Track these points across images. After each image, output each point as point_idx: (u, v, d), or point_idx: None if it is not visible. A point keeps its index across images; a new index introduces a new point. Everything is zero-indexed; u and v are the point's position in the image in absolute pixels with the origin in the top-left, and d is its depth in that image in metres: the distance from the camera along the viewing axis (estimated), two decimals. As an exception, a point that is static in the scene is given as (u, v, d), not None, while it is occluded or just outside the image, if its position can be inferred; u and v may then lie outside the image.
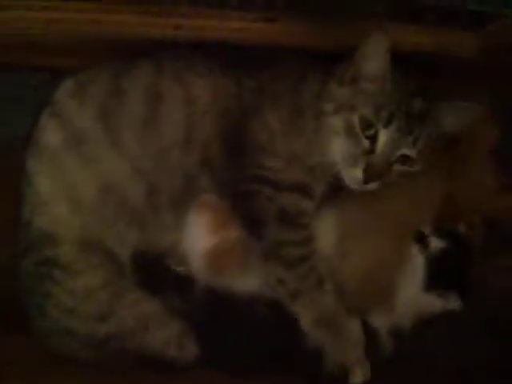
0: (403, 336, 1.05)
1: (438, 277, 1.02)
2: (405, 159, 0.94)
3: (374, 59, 0.92)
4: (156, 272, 1.03)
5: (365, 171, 0.92)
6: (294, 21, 0.95)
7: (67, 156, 0.97)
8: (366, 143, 0.93)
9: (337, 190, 1.02)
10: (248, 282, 1.01)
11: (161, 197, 0.99)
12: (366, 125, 0.92)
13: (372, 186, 0.94)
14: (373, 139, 0.93)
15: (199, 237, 1.02)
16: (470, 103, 0.94)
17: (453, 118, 0.95)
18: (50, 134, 0.98)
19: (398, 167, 0.94)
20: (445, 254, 1.02)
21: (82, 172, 0.97)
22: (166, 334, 0.99)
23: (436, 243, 1.02)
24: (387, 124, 0.92)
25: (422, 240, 1.03)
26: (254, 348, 1.01)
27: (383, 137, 0.92)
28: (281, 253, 0.96)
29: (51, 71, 1.10)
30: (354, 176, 0.94)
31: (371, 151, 0.93)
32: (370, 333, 1.02)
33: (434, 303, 1.03)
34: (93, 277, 0.97)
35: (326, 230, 1.02)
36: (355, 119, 0.93)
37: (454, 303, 1.02)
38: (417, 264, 1.03)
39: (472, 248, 1.06)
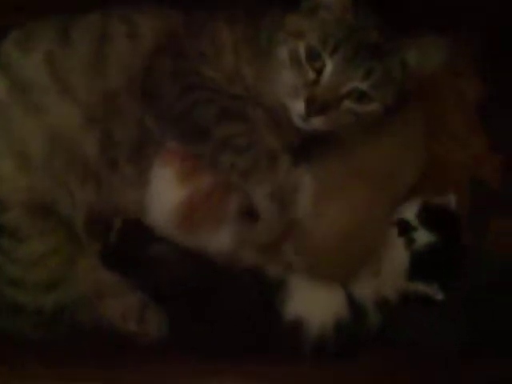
0: (389, 310, 0.98)
1: (423, 270, 0.96)
2: (359, 96, 0.88)
3: None
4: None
5: (307, 102, 0.87)
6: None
7: (12, 107, 0.92)
8: (311, 74, 0.88)
9: (313, 147, 0.96)
10: (224, 236, 0.94)
11: (117, 148, 0.93)
12: (313, 55, 0.87)
13: (318, 122, 0.88)
14: (319, 72, 0.87)
15: (166, 190, 0.93)
16: (437, 38, 0.88)
17: (418, 54, 0.89)
18: None
19: (350, 104, 0.88)
20: (432, 250, 0.95)
21: (29, 123, 0.91)
22: (124, 305, 0.93)
23: (424, 238, 0.95)
24: (333, 52, 0.86)
25: (406, 231, 0.96)
26: (228, 324, 0.94)
27: (329, 66, 0.87)
28: (229, 145, 0.90)
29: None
30: (295, 109, 0.88)
31: (315, 82, 0.87)
32: (355, 307, 0.96)
33: (418, 287, 0.97)
34: (42, 243, 0.91)
35: (303, 191, 0.94)
36: (301, 48, 0.88)
37: (436, 293, 0.96)
38: (400, 256, 0.96)
39: (462, 233, 0.98)
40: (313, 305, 0.95)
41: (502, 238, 1.06)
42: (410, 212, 0.97)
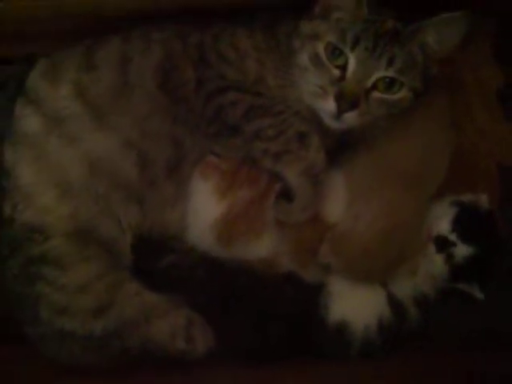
0: (428, 305, 0.99)
1: (462, 275, 0.96)
2: (388, 85, 0.88)
3: None
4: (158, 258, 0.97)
5: (337, 99, 0.87)
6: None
7: (49, 140, 0.92)
8: (335, 72, 0.88)
9: (343, 151, 0.98)
10: (263, 245, 0.95)
11: (155, 168, 0.94)
12: (334, 53, 0.88)
13: (351, 118, 0.88)
14: (343, 68, 0.88)
15: (205, 205, 0.95)
16: (454, 13, 0.86)
17: (436, 33, 0.88)
18: (28, 122, 0.94)
19: (378, 95, 0.88)
20: (472, 260, 0.95)
21: (66, 153, 0.92)
22: (171, 325, 0.92)
23: (463, 251, 0.95)
24: (354, 46, 0.86)
25: (445, 248, 0.96)
26: (272, 330, 0.95)
27: (352, 61, 0.87)
28: (260, 136, 0.92)
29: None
30: (326, 108, 0.89)
31: (341, 79, 0.88)
32: (396, 305, 0.97)
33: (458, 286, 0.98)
34: (86, 269, 0.91)
35: (336, 194, 0.96)
36: (321, 48, 0.89)
37: (477, 293, 0.96)
38: (439, 269, 0.97)
39: (500, 237, 0.98)
40: (356, 306, 0.96)
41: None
42: (445, 223, 0.96)
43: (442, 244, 0.96)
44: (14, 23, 0.99)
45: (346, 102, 0.87)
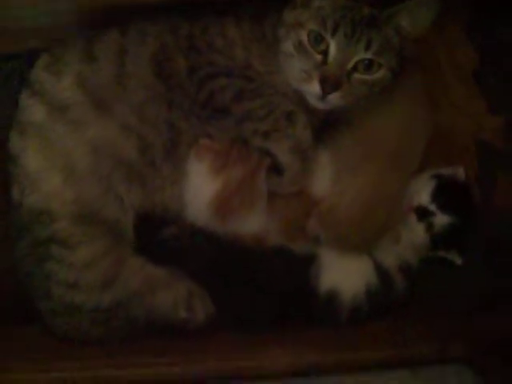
0: (412, 272, 1.05)
1: (442, 243, 1.03)
2: (366, 66, 0.94)
3: None
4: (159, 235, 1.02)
5: (321, 82, 0.92)
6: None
7: (54, 127, 0.96)
8: (318, 57, 0.93)
9: (329, 129, 1.03)
10: (255, 219, 1.01)
11: (154, 150, 0.99)
12: (316, 39, 0.93)
13: (335, 98, 0.93)
14: (325, 53, 0.93)
15: (201, 184, 1.00)
16: None
17: (410, 15, 0.93)
18: (33, 112, 0.97)
19: (360, 76, 0.94)
20: (451, 229, 1.01)
21: (71, 139, 0.96)
22: (173, 296, 0.98)
23: (442, 220, 1.01)
24: (334, 32, 0.92)
25: (425, 217, 1.02)
26: (266, 299, 1.01)
27: (332, 46, 0.92)
28: (249, 117, 0.98)
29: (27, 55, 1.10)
30: (312, 91, 0.94)
31: (324, 63, 0.93)
32: (382, 273, 1.03)
33: (438, 254, 1.04)
34: (92, 247, 0.96)
35: (322, 170, 1.02)
36: (304, 36, 0.94)
37: (456, 259, 1.03)
38: (420, 237, 1.03)
39: (476, 208, 1.05)
40: (345, 275, 1.02)
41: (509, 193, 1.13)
42: (425, 195, 1.03)
43: (423, 214, 1.02)
44: (15, 19, 1.02)
45: (330, 84, 0.92)
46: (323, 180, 1.02)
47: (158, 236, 1.01)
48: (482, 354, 1.00)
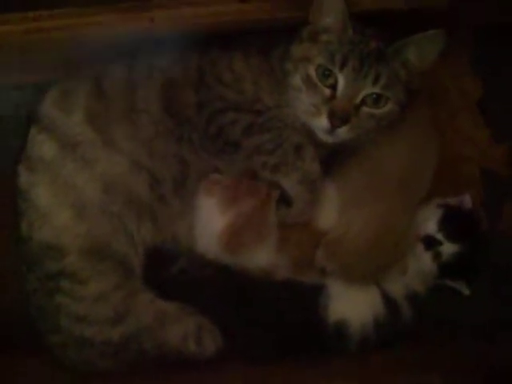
0: (419, 301, 1.06)
1: (450, 272, 1.03)
2: (374, 100, 0.95)
3: (330, 11, 0.94)
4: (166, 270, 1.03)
5: (329, 116, 0.93)
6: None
7: (64, 164, 0.97)
8: (326, 91, 0.94)
9: (335, 161, 1.04)
10: (265, 252, 1.02)
11: (163, 184, 1.00)
12: (324, 74, 0.94)
13: (343, 132, 0.94)
14: (333, 87, 0.94)
15: (211, 218, 1.01)
16: (432, 31, 0.93)
17: (417, 49, 0.94)
18: (43, 148, 0.98)
19: (367, 110, 0.95)
20: (458, 258, 1.01)
21: (82, 176, 0.97)
22: (183, 329, 0.98)
23: (449, 250, 1.01)
24: (342, 66, 0.93)
25: (432, 246, 1.02)
26: (276, 330, 1.01)
27: (341, 80, 0.93)
28: (258, 151, 1.00)
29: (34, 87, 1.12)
30: (320, 126, 0.95)
31: (332, 97, 0.94)
32: (390, 303, 1.03)
33: (445, 283, 1.05)
34: (102, 282, 0.96)
35: (329, 202, 1.03)
36: (312, 70, 0.95)
37: (463, 289, 1.03)
38: (427, 267, 1.03)
39: (483, 236, 1.05)
40: (353, 305, 1.02)
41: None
42: (432, 224, 1.03)
43: (430, 243, 1.02)
44: (23, 51, 1.03)
45: (338, 118, 0.93)
46: (330, 212, 1.03)
47: (167, 271, 1.02)
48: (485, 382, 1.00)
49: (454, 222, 1.03)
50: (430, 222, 1.03)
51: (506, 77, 1.14)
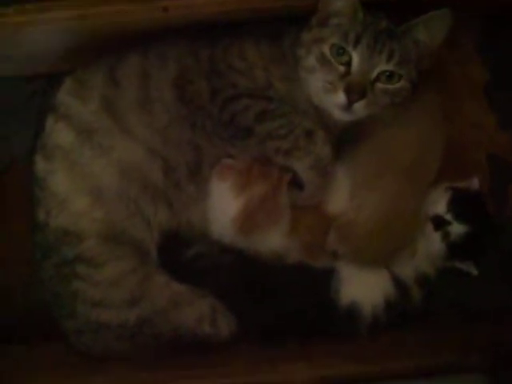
0: (429, 283, 1.07)
1: (458, 252, 1.05)
2: (388, 77, 0.97)
3: None
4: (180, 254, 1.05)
5: (346, 91, 0.95)
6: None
7: (82, 151, 0.99)
8: (341, 68, 0.96)
9: (345, 146, 1.06)
10: (278, 234, 1.03)
11: (178, 171, 1.02)
12: (338, 52, 0.96)
13: (360, 108, 0.96)
14: (348, 64, 0.96)
15: (225, 202, 1.03)
16: (439, 10, 0.96)
17: (426, 28, 0.97)
18: (61, 136, 1.00)
19: (381, 85, 0.97)
20: (467, 238, 1.03)
21: (99, 162, 0.99)
22: (198, 312, 1.00)
23: (458, 230, 1.03)
24: (356, 44, 0.95)
25: (441, 226, 1.04)
26: (288, 313, 1.03)
27: (355, 57, 0.95)
28: (271, 136, 1.01)
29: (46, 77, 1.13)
30: (337, 101, 0.96)
31: (347, 73, 0.96)
32: (400, 285, 1.05)
33: (454, 264, 1.06)
34: (119, 266, 0.98)
35: (339, 186, 1.04)
36: (326, 49, 0.97)
37: (472, 269, 1.05)
38: (437, 247, 1.05)
39: (490, 218, 1.06)
40: (364, 288, 1.04)
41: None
42: (441, 205, 1.04)
43: (439, 223, 1.04)
44: (37, 43, 1.05)
45: (355, 92, 0.94)
46: (341, 196, 1.04)
47: (183, 255, 1.04)
48: (498, 364, 1.01)
49: (463, 203, 1.05)
50: (439, 203, 1.05)
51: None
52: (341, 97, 0.95)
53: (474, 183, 1.07)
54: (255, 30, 1.04)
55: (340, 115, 0.98)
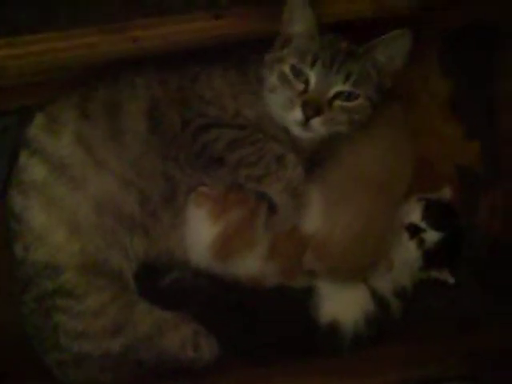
0: (408, 296, 1.09)
1: (433, 261, 1.07)
2: (346, 96, 0.99)
3: (299, 18, 1.00)
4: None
5: (302, 108, 0.96)
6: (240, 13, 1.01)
7: (56, 185, 0.99)
8: (299, 86, 0.98)
9: (315, 167, 1.07)
10: (256, 259, 1.04)
11: (153, 201, 1.03)
12: (297, 72, 0.98)
13: (317, 124, 0.97)
14: (306, 83, 0.98)
15: (202, 229, 1.04)
16: (398, 31, 0.98)
17: (385, 49, 1.00)
18: (35, 171, 1.00)
19: (339, 103, 0.98)
20: (441, 245, 1.05)
21: (74, 196, 0.99)
22: (180, 336, 1.01)
23: (432, 237, 1.05)
24: (312, 65, 0.97)
25: (416, 234, 1.06)
26: (269, 334, 1.04)
27: (312, 77, 0.97)
28: (242, 164, 1.03)
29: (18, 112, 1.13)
30: (294, 117, 0.98)
31: (305, 91, 0.98)
32: (379, 299, 1.07)
33: (431, 274, 1.08)
34: (99, 296, 0.98)
35: (313, 207, 1.05)
36: (286, 68, 0.99)
37: (448, 278, 1.07)
38: (413, 255, 1.06)
39: (462, 227, 1.09)
40: (343, 305, 1.05)
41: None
42: (415, 214, 1.07)
43: (414, 230, 1.06)
44: (6, 77, 1.04)
45: (311, 109, 0.96)
46: (315, 215, 1.05)
47: (161, 282, 1.04)
48: (479, 372, 1.03)
49: (436, 211, 1.07)
50: (413, 213, 1.07)
51: (474, 76, 1.19)
52: (298, 112, 0.97)
53: (446, 192, 1.10)
54: (223, 58, 1.06)
55: (298, 132, 1.00)
